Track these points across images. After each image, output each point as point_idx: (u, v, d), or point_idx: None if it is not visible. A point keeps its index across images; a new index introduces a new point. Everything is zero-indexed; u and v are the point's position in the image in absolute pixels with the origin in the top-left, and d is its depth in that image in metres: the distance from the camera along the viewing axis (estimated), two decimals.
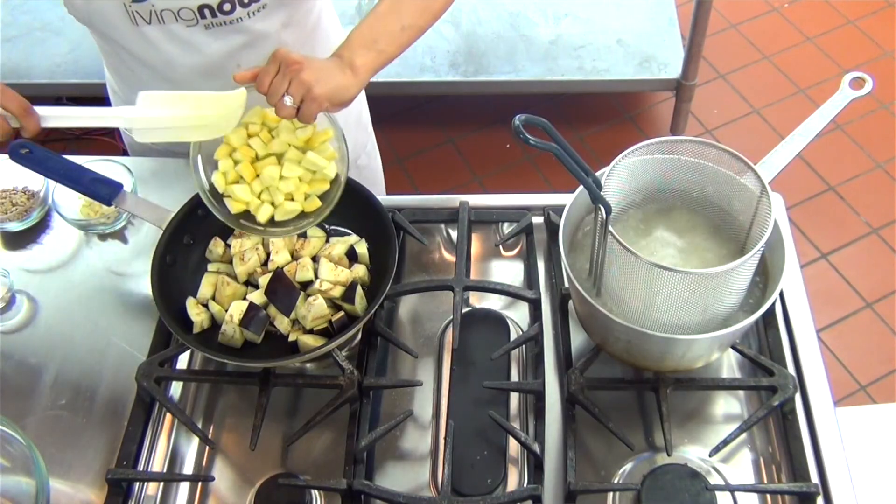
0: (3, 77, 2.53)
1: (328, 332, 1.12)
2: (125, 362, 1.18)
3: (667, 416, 1.06)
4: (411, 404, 1.14)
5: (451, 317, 1.16)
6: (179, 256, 1.19)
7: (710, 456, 1.06)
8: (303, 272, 1.16)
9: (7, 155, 1.25)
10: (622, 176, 1.03)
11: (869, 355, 2.21)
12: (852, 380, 2.17)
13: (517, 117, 0.87)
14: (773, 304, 1.12)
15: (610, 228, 0.96)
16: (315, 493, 1.05)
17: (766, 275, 1.07)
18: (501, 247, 1.31)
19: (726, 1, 2.99)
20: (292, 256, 1.19)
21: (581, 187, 1.04)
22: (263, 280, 1.14)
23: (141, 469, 1.09)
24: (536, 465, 1.04)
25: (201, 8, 1.17)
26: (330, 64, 1.10)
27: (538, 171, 2.63)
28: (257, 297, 1.14)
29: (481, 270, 1.29)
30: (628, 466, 1.08)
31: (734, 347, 1.13)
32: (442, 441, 1.07)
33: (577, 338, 1.17)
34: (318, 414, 1.08)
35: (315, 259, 1.18)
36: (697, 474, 1.02)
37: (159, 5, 1.16)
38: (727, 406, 1.13)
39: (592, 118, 2.75)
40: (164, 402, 1.12)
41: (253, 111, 1.15)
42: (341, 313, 1.12)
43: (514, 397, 1.13)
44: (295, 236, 1.19)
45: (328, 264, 1.16)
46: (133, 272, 1.30)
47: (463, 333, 1.14)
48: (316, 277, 1.15)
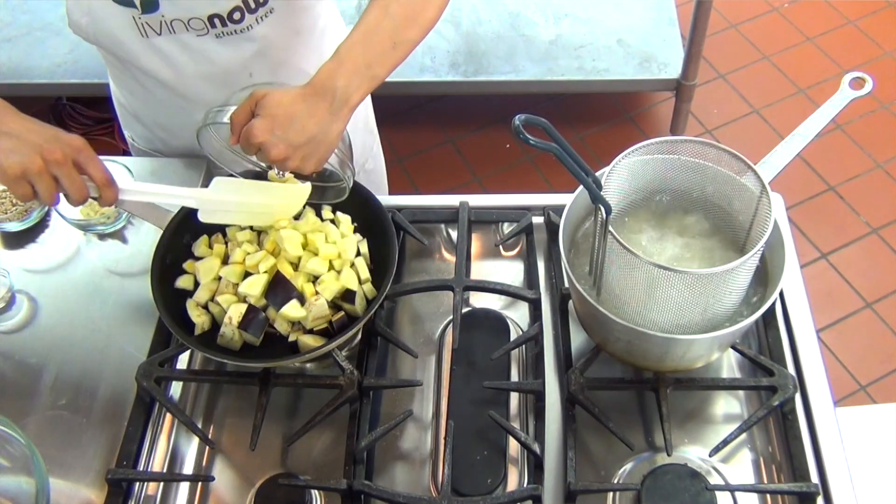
0: (3, 77, 2.53)
1: (328, 332, 1.11)
2: (125, 362, 1.18)
3: (667, 416, 1.06)
4: (411, 404, 1.14)
5: (451, 317, 1.16)
6: (179, 256, 1.19)
7: (710, 456, 1.06)
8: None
9: None
10: (622, 176, 1.03)
11: (869, 355, 2.21)
12: (852, 380, 2.17)
13: (517, 117, 0.87)
14: (773, 304, 1.12)
15: (610, 228, 0.96)
16: (315, 493, 1.05)
17: (766, 275, 1.07)
18: (501, 247, 1.31)
19: (726, 1, 2.99)
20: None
21: (581, 187, 1.04)
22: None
23: (141, 469, 1.09)
24: (536, 465, 1.04)
25: (211, 17, 1.17)
26: (322, 116, 0.99)
27: (538, 171, 2.63)
28: (254, 289, 1.13)
29: (481, 270, 1.29)
30: (628, 466, 1.08)
31: (734, 347, 1.13)
32: (442, 441, 1.07)
33: (577, 338, 1.17)
34: (318, 414, 1.08)
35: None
36: (697, 474, 1.02)
37: (169, 16, 1.16)
38: (727, 406, 1.13)
39: (592, 118, 2.75)
40: (164, 402, 1.11)
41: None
42: (341, 313, 1.12)
43: (514, 397, 1.13)
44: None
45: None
46: (133, 272, 1.30)
47: (463, 333, 1.14)
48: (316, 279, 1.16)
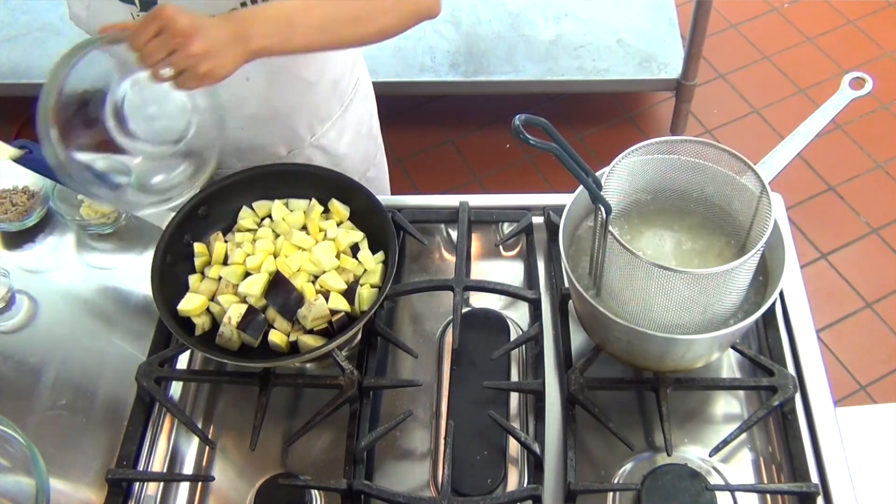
0: (3, 77, 2.54)
1: (328, 332, 1.11)
2: (125, 362, 1.18)
3: (667, 416, 1.06)
4: (411, 404, 1.14)
5: (451, 317, 1.16)
6: (179, 256, 1.19)
7: (710, 456, 1.06)
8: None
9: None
10: (622, 176, 1.03)
11: (869, 355, 2.21)
12: (852, 380, 2.17)
13: (517, 117, 0.87)
14: (773, 304, 1.12)
15: (610, 228, 0.96)
16: (315, 493, 1.05)
17: (766, 275, 1.07)
18: (501, 247, 1.31)
19: (726, 1, 2.99)
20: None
21: (581, 187, 1.04)
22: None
23: (141, 469, 1.09)
24: (536, 465, 1.04)
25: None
26: (224, 33, 0.98)
27: (538, 171, 2.63)
28: (254, 289, 1.14)
29: (481, 270, 1.29)
30: (628, 466, 1.08)
31: (734, 347, 1.13)
32: (442, 441, 1.07)
33: (577, 338, 1.17)
34: (318, 414, 1.08)
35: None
36: (697, 474, 1.02)
37: None
38: (727, 406, 1.13)
39: (592, 118, 2.75)
40: (164, 402, 1.11)
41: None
42: (341, 313, 1.12)
43: (514, 397, 1.13)
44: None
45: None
46: (133, 272, 1.30)
47: (463, 333, 1.15)
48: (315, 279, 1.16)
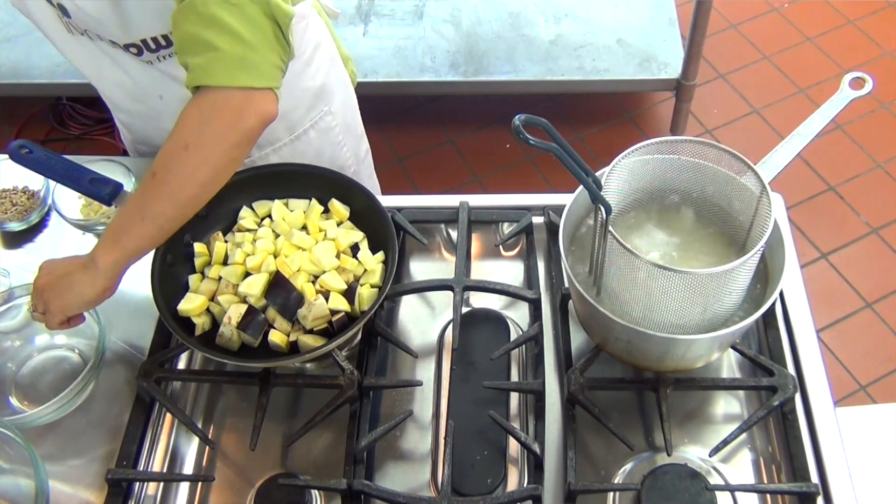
0: (3, 77, 2.54)
1: (328, 332, 1.11)
2: (125, 362, 1.18)
3: (667, 416, 1.06)
4: (411, 404, 1.14)
5: (451, 317, 1.16)
6: (179, 256, 1.19)
7: (710, 456, 1.06)
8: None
9: (7, 155, 1.25)
10: (622, 176, 1.03)
11: (869, 355, 2.21)
12: (852, 380, 2.17)
13: (517, 117, 0.87)
14: (773, 304, 1.12)
15: (610, 228, 0.96)
16: (315, 493, 1.05)
17: (766, 275, 1.07)
18: (501, 247, 1.31)
19: (726, 1, 2.99)
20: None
21: (581, 187, 1.04)
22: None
23: (141, 469, 1.09)
24: (536, 465, 1.04)
25: (127, 46, 1.18)
26: (74, 269, 1.08)
27: (538, 171, 2.63)
28: (254, 289, 1.14)
29: (481, 270, 1.29)
30: (628, 466, 1.08)
31: (734, 347, 1.13)
32: (442, 441, 1.07)
33: (577, 338, 1.17)
34: (318, 414, 1.08)
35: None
36: (697, 474, 1.02)
37: (80, 26, 1.17)
38: (727, 406, 1.13)
39: (592, 118, 2.75)
40: (164, 402, 1.11)
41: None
42: (341, 313, 1.12)
43: (514, 397, 1.13)
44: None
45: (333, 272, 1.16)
46: (133, 272, 1.29)
47: (463, 333, 1.15)
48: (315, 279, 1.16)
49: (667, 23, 2.59)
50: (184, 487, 1.10)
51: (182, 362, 1.19)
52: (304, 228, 1.20)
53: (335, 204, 1.23)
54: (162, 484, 1.09)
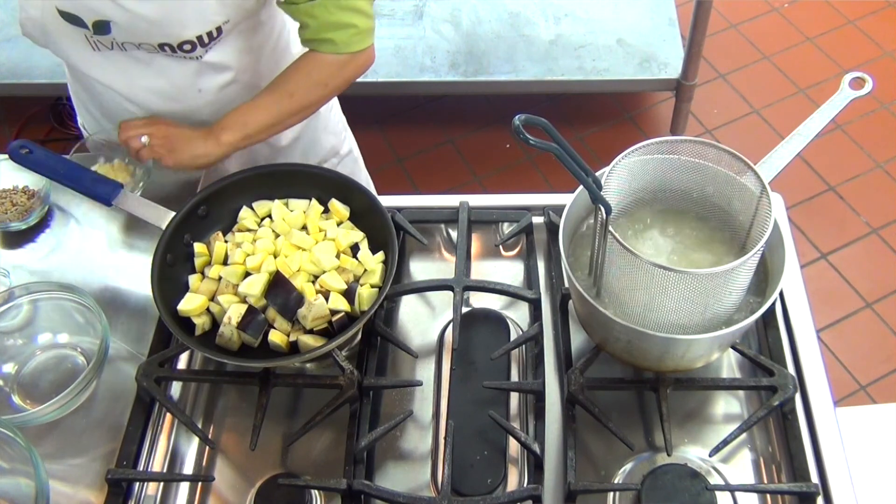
0: (3, 77, 2.53)
1: (328, 332, 1.11)
2: (125, 362, 1.18)
3: (667, 416, 1.06)
4: (411, 404, 1.14)
5: (451, 317, 1.16)
6: (179, 256, 1.19)
7: (710, 456, 1.06)
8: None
9: (7, 155, 1.25)
10: (622, 176, 1.03)
11: (869, 355, 2.21)
12: (852, 380, 2.17)
13: (517, 117, 0.87)
14: (773, 304, 1.12)
15: (610, 228, 0.96)
16: (315, 493, 1.05)
17: (766, 275, 1.07)
18: (501, 247, 1.31)
19: (726, 1, 2.99)
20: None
21: (581, 187, 1.04)
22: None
23: (141, 469, 1.09)
24: (536, 465, 1.04)
25: (162, 45, 1.20)
26: (195, 135, 1.26)
27: (538, 171, 2.63)
28: (254, 289, 1.14)
29: (481, 270, 1.29)
30: (628, 466, 1.08)
31: (734, 347, 1.13)
32: (442, 441, 1.07)
33: (577, 338, 1.17)
34: (318, 414, 1.08)
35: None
36: (697, 474, 1.02)
37: (120, 39, 1.19)
38: (727, 406, 1.13)
39: (592, 118, 2.76)
40: (164, 402, 1.11)
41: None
42: (341, 313, 1.12)
43: (514, 397, 1.13)
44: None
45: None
46: (133, 272, 1.30)
47: (463, 333, 1.14)
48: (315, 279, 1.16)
49: (667, 23, 2.59)
50: (184, 487, 1.10)
51: (182, 362, 1.19)
52: (304, 228, 1.21)
53: (335, 204, 1.23)
54: (162, 484, 1.09)
